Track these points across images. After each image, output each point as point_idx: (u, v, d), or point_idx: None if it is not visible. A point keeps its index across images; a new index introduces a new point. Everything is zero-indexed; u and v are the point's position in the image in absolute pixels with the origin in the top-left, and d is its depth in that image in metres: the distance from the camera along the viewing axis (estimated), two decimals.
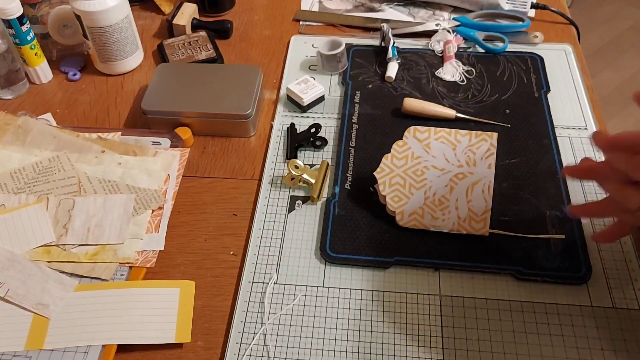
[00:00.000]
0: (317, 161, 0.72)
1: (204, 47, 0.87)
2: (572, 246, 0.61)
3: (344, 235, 0.63)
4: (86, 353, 0.55)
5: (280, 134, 0.76)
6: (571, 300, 0.58)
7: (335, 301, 0.59)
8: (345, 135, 0.74)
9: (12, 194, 0.67)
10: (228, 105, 0.74)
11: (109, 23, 0.79)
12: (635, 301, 0.58)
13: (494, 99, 0.78)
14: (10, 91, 0.83)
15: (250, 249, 0.63)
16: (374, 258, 0.61)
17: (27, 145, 0.73)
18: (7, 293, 0.58)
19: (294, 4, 0.98)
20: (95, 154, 0.72)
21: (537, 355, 0.54)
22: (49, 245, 0.63)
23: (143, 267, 0.62)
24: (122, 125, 0.79)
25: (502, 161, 0.70)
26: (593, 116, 0.76)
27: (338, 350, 0.55)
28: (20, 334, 0.56)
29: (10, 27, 0.77)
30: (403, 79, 0.82)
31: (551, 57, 0.84)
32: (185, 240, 0.65)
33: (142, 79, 0.86)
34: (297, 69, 0.86)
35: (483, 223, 0.62)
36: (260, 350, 0.56)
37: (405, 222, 0.63)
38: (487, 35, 0.87)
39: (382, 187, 0.65)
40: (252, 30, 0.94)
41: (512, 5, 0.90)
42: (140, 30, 0.93)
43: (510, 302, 0.58)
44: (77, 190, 0.68)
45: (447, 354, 0.55)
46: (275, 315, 0.58)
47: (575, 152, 0.71)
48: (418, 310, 0.58)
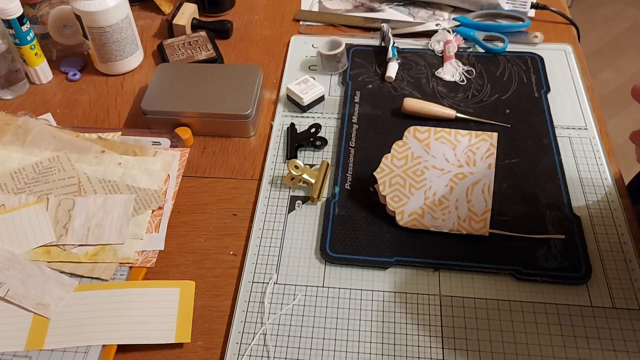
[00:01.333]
0: (317, 161, 0.72)
1: (204, 47, 0.87)
2: (572, 246, 0.61)
3: (344, 235, 0.63)
4: (86, 353, 0.55)
5: (280, 134, 0.76)
6: (571, 300, 0.58)
7: (335, 301, 0.59)
8: (345, 135, 0.74)
9: (12, 194, 0.67)
10: (228, 105, 0.74)
11: (109, 23, 0.79)
12: (635, 301, 0.58)
13: (494, 99, 0.78)
14: (10, 91, 0.83)
15: (250, 249, 0.63)
16: (374, 258, 0.61)
17: (27, 145, 0.73)
18: (7, 293, 0.58)
19: (294, 4, 0.98)
20: (95, 154, 0.72)
21: (537, 355, 0.54)
22: (49, 245, 0.63)
23: (143, 267, 0.62)
24: (122, 125, 0.79)
25: (502, 161, 0.70)
26: (593, 116, 0.76)
27: (338, 350, 0.55)
28: (20, 334, 0.56)
29: (10, 27, 0.77)
30: (403, 79, 0.82)
31: (551, 57, 0.84)
32: (185, 240, 0.65)
33: (142, 79, 0.86)
34: (297, 69, 0.86)
35: (483, 223, 0.62)
36: (260, 350, 0.56)
37: (405, 222, 0.63)
38: (487, 35, 0.87)
39: (382, 187, 0.65)
40: (252, 30, 0.94)
41: (512, 5, 0.90)
42: (140, 30, 0.93)
43: (510, 302, 0.58)
44: (77, 190, 0.68)
45: (447, 354, 0.55)
46: (275, 315, 0.58)
47: (575, 152, 0.71)
48: (418, 310, 0.58)
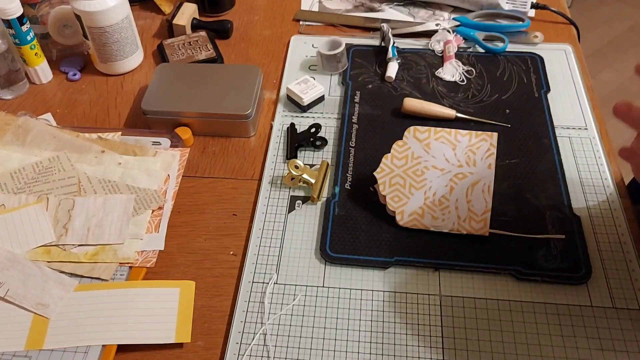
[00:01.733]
0: (317, 161, 0.72)
1: (204, 47, 0.87)
2: (572, 246, 0.61)
3: (344, 235, 0.63)
4: (86, 353, 0.55)
5: (280, 134, 0.76)
6: (571, 300, 0.58)
7: (335, 301, 0.59)
8: (345, 135, 0.74)
9: (12, 194, 0.67)
10: (228, 105, 0.74)
11: (109, 23, 0.79)
12: (635, 301, 0.58)
13: (494, 99, 0.78)
14: (10, 91, 0.83)
15: (250, 249, 0.63)
16: (374, 258, 0.61)
17: (27, 145, 0.73)
18: (7, 293, 0.58)
19: (294, 4, 0.98)
20: (95, 154, 0.72)
21: (537, 355, 0.54)
22: (49, 245, 0.63)
23: (143, 267, 0.62)
24: (122, 125, 0.79)
25: (502, 161, 0.70)
26: (593, 116, 0.76)
27: (338, 350, 0.55)
28: (20, 334, 0.56)
29: (10, 27, 0.77)
30: (403, 79, 0.82)
31: (551, 57, 0.84)
32: (185, 240, 0.65)
33: (142, 79, 0.86)
34: (297, 69, 0.86)
35: (483, 223, 0.62)
36: (260, 350, 0.56)
37: (405, 222, 0.63)
38: (487, 35, 0.87)
39: (382, 187, 0.65)
40: (252, 30, 0.94)
41: (512, 5, 0.90)
42: (140, 30, 0.93)
43: (510, 302, 0.58)
44: (77, 190, 0.68)
45: (447, 354, 0.55)
46: (275, 315, 0.58)
47: (575, 152, 0.71)
48: (418, 310, 0.58)
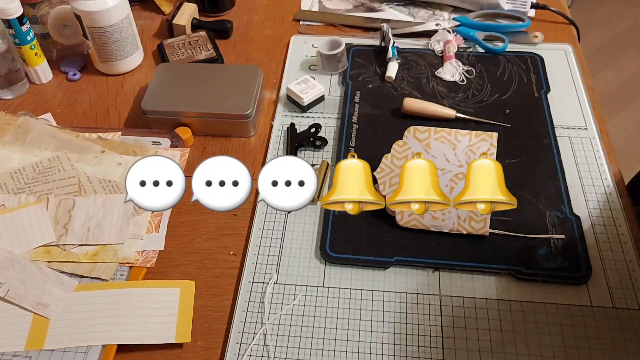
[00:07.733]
0: (317, 161, 0.72)
1: (204, 47, 0.87)
2: (572, 246, 0.61)
3: (344, 235, 0.63)
4: (86, 353, 0.55)
5: (280, 134, 0.76)
6: (571, 300, 0.58)
7: (335, 301, 0.59)
8: (345, 135, 0.74)
9: (12, 194, 0.67)
10: (228, 105, 0.74)
11: (109, 23, 0.79)
12: (635, 301, 0.58)
13: (494, 98, 0.78)
14: (10, 91, 0.83)
15: (250, 249, 0.63)
16: (374, 258, 0.61)
17: (27, 145, 0.73)
18: (7, 293, 0.58)
19: (294, 4, 0.98)
20: (95, 154, 0.72)
21: (537, 355, 0.54)
22: (49, 245, 0.63)
23: (143, 267, 0.62)
24: (122, 125, 0.79)
25: (502, 161, 0.69)
26: (593, 116, 0.76)
27: (338, 350, 0.55)
28: (20, 334, 0.56)
29: (10, 27, 0.77)
30: (403, 78, 0.82)
31: (551, 57, 0.84)
32: (185, 240, 0.65)
33: (142, 79, 0.86)
34: (297, 69, 0.86)
35: (483, 223, 0.62)
36: (260, 350, 0.56)
37: (405, 222, 0.63)
38: (487, 35, 0.87)
39: (382, 187, 0.65)
40: (252, 30, 0.94)
41: (512, 5, 0.90)
42: (140, 30, 0.93)
43: (510, 302, 0.58)
44: (77, 190, 0.68)
45: (447, 354, 0.55)
46: (275, 315, 0.58)
47: (575, 152, 0.71)
48: (418, 310, 0.58)
